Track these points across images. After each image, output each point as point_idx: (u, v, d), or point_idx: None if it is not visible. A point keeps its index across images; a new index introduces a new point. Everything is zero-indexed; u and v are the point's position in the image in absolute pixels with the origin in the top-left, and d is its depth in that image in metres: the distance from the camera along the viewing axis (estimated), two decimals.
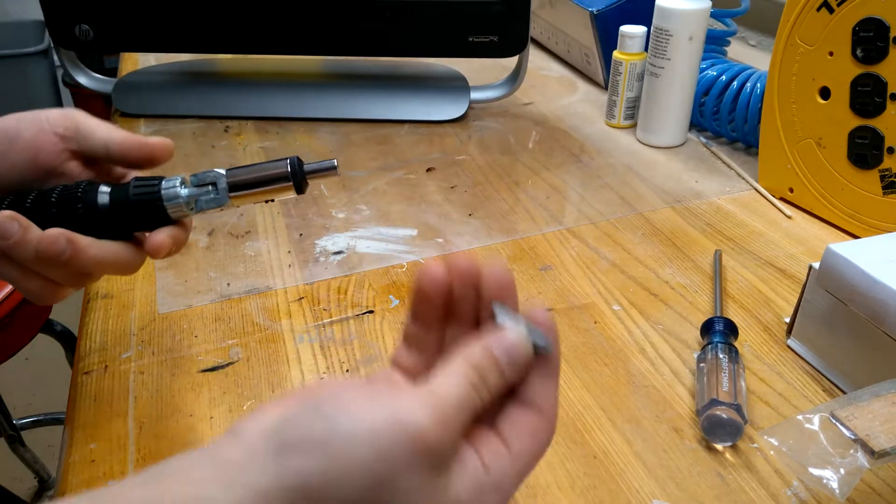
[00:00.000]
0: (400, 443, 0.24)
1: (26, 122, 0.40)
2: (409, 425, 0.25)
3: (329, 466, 0.24)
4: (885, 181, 0.59)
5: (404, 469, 0.25)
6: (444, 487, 0.26)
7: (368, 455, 0.24)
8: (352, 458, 0.24)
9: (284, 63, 0.93)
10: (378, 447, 0.24)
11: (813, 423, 0.35)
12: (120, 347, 0.51)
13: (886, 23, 0.56)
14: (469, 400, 0.27)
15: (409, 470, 0.25)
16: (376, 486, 0.24)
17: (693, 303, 0.56)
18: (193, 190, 0.39)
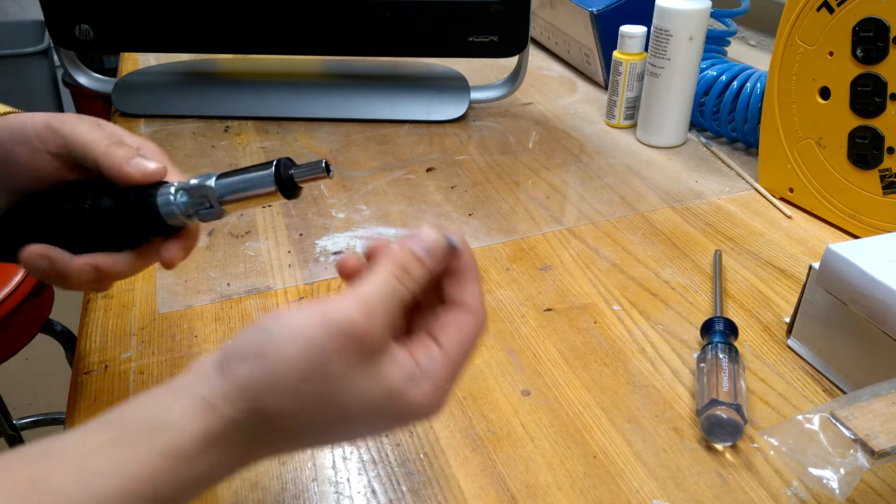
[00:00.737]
0: (327, 335, 0.27)
1: (17, 142, 0.39)
2: (336, 317, 0.27)
3: (265, 366, 0.27)
4: (885, 181, 0.59)
5: (333, 355, 0.27)
6: (376, 374, 0.28)
7: (299, 349, 0.27)
8: (284, 355, 0.27)
9: (284, 63, 0.93)
10: (307, 341, 0.27)
11: (813, 423, 0.35)
12: (120, 347, 0.51)
13: (886, 23, 0.56)
14: (393, 290, 0.29)
15: (339, 355, 0.27)
16: (309, 374, 0.27)
17: (693, 303, 0.56)
18: (189, 200, 0.38)
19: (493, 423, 0.45)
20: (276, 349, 0.27)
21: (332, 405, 0.28)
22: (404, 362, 0.29)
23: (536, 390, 0.47)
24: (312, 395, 0.27)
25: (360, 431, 0.30)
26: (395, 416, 0.29)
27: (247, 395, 0.27)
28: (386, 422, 0.29)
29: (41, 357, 1.62)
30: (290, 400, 0.27)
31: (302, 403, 0.27)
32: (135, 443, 0.26)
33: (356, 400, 0.28)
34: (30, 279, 0.96)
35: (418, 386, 0.29)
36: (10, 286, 0.93)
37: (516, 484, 0.41)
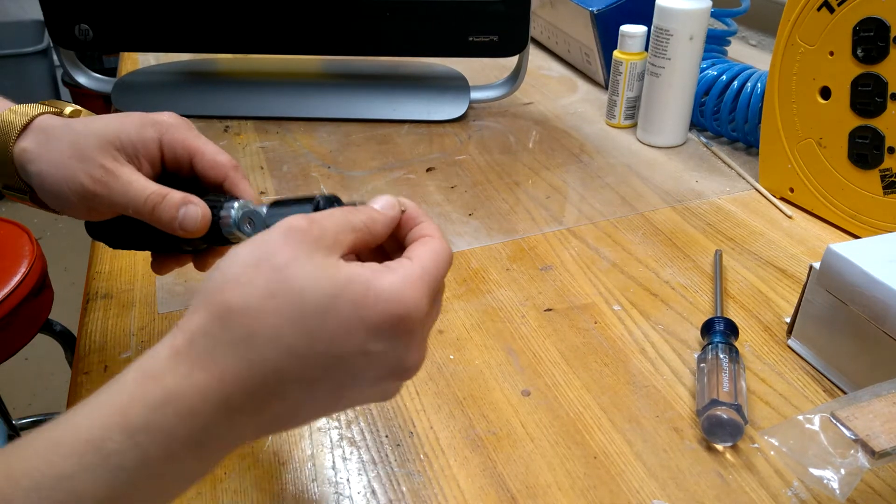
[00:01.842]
0: (272, 233, 0.28)
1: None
2: (282, 223, 0.29)
3: (217, 271, 0.28)
4: (886, 181, 0.59)
5: (278, 244, 0.28)
6: (332, 264, 0.28)
7: (247, 248, 0.28)
8: (233, 255, 0.28)
9: (284, 63, 0.93)
10: (253, 241, 0.28)
11: (813, 423, 0.35)
12: (119, 347, 0.51)
13: (887, 22, 0.56)
14: (342, 214, 0.30)
15: (284, 244, 0.28)
16: (257, 262, 0.27)
17: (693, 303, 0.56)
18: (245, 223, 0.39)
19: (493, 423, 0.45)
20: (227, 258, 0.28)
21: (287, 290, 0.27)
22: (370, 265, 0.29)
23: (536, 390, 0.47)
24: (264, 281, 0.27)
25: (337, 331, 0.27)
26: (366, 309, 0.27)
27: (204, 298, 0.27)
28: (358, 323, 0.27)
29: (41, 357, 1.62)
30: (242, 287, 0.27)
31: (254, 290, 0.27)
32: (114, 381, 0.27)
33: (311, 284, 0.27)
34: (29, 279, 0.96)
35: (382, 275, 0.28)
36: (10, 286, 0.93)
37: (516, 484, 0.41)
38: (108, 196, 0.39)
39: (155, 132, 0.41)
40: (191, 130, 0.42)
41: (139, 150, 0.40)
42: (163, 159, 0.41)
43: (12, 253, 0.98)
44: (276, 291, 0.27)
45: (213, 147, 0.42)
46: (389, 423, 0.45)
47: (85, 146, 0.39)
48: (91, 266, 0.59)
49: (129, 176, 0.39)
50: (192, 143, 0.41)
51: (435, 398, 0.47)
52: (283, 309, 0.27)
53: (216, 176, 0.41)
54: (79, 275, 1.90)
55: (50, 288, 1.04)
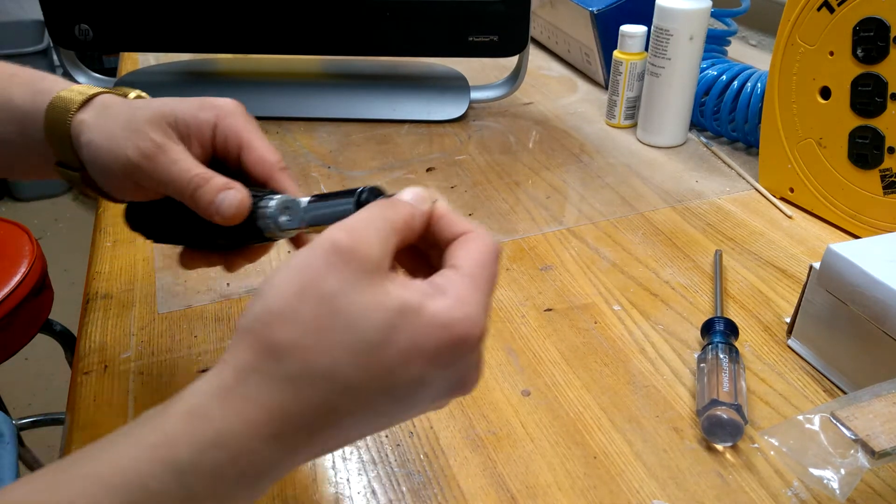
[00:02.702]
0: (314, 255, 0.26)
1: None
2: (320, 241, 0.27)
3: (260, 302, 0.26)
4: (886, 181, 0.59)
5: (323, 270, 0.26)
6: (381, 289, 0.26)
7: (288, 275, 0.26)
8: (275, 284, 0.26)
9: (284, 63, 0.93)
10: (294, 265, 0.27)
11: (813, 423, 0.35)
12: (119, 347, 0.51)
13: (887, 22, 0.56)
14: (380, 214, 0.28)
15: (329, 269, 0.26)
16: (302, 293, 0.26)
17: (693, 303, 0.56)
18: (285, 219, 0.38)
19: (493, 423, 0.45)
20: (268, 284, 0.27)
21: (339, 325, 0.25)
22: (414, 282, 0.27)
23: (536, 390, 0.47)
24: (312, 315, 0.25)
25: (395, 363, 0.26)
26: (422, 337, 0.26)
27: (249, 333, 0.26)
28: (416, 354, 0.26)
29: (41, 357, 1.62)
30: (291, 324, 0.25)
31: (304, 325, 0.25)
32: (151, 418, 0.26)
33: (363, 317, 0.25)
34: (29, 279, 0.96)
35: (434, 298, 0.27)
36: (10, 286, 0.93)
37: (516, 484, 0.41)
38: (152, 171, 0.37)
39: (212, 115, 0.40)
40: (249, 122, 0.41)
41: (192, 131, 0.39)
42: (214, 145, 0.40)
43: (12, 253, 0.98)
44: (326, 326, 0.25)
45: (264, 143, 0.41)
46: None
47: (138, 119, 0.38)
48: (91, 266, 0.59)
49: (177, 154, 0.38)
50: (245, 134, 0.40)
51: None
52: (335, 344, 0.25)
53: (261, 172, 0.40)
54: (79, 275, 1.90)
55: (50, 288, 1.04)
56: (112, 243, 0.62)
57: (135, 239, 0.62)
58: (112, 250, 0.61)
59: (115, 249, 0.61)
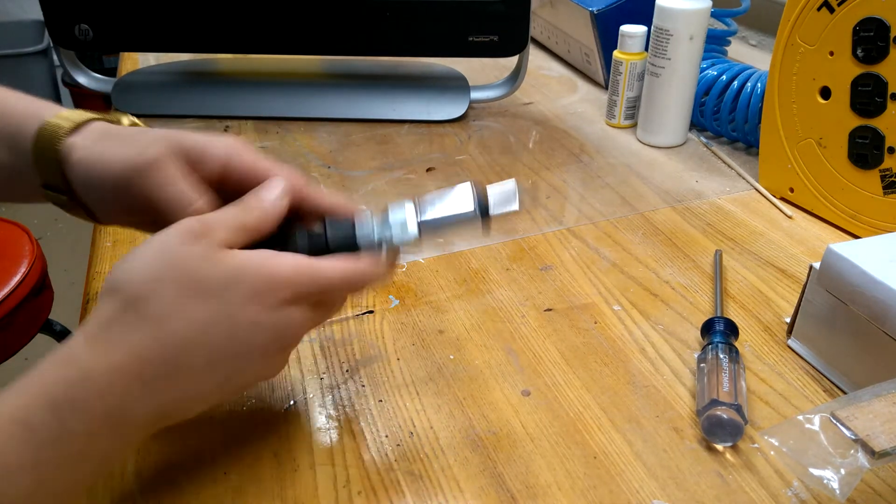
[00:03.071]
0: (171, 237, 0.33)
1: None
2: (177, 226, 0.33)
3: (131, 275, 0.32)
4: (886, 181, 0.59)
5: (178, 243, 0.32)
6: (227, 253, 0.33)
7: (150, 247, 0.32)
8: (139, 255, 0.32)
9: (284, 63, 0.93)
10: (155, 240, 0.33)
11: (813, 423, 0.35)
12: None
13: (887, 22, 0.56)
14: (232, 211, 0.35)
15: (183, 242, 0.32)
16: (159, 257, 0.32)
17: (693, 303, 0.56)
18: (387, 233, 0.39)
19: (493, 423, 0.45)
20: (130, 255, 0.32)
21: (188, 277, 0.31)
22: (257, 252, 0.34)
23: (536, 390, 0.47)
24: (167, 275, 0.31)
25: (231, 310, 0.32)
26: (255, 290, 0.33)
27: (113, 291, 0.31)
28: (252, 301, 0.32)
29: (41, 357, 1.62)
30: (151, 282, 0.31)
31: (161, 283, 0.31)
32: (34, 367, 0.29)
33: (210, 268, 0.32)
34: (29, 279, 0.96)
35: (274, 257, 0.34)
36: (10, 286, 0.93)
37: (516, 484, 0.41)
38: (145, 186, 0.35)
39: (223, 151, 0.38)
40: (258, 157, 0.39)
41: (196, 161, 0.37)
42: (220, 180, 0.38)
43: (12, 253, 0.98)
44: (180, 280, 0.31)
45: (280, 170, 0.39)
46: (389, 423, 0.45)
47: (140, 136, 0.37)
48: (91, 266, 0.59)
49: (175, 172, 0.36)
50: (261, 164, 0.38)
51: (435, 398, 0.47)
52: (188, 294, 0.31)
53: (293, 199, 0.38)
54: (79, 275, 1.89)
55: (50, 288, 1.04)
56: (112, 243, 0.62)
57: (135, 238, 0.62)
58: (112, 250, 0.61)
59: (115, 249, 0.61)
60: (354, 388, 0.47)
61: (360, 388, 0.47)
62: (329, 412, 0.46)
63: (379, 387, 0.47)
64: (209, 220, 0.33)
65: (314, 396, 0.47)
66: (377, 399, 0.46)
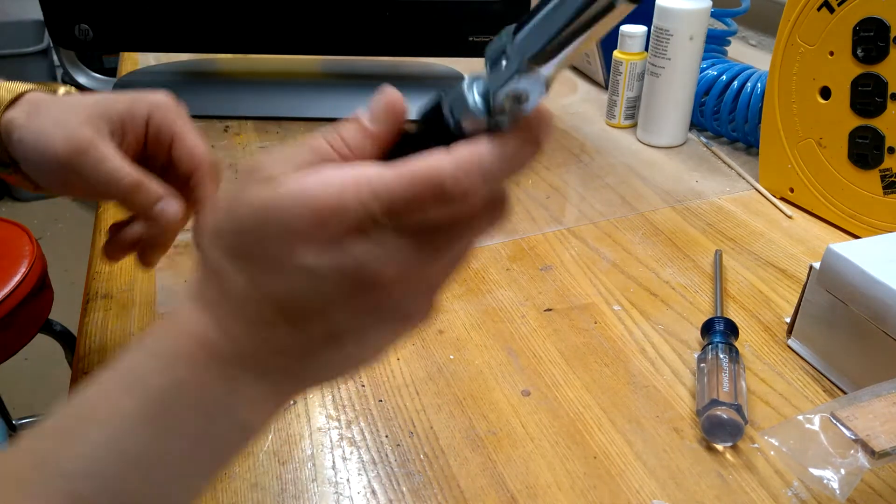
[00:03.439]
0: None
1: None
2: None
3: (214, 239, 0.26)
4: (886, 181, 0.59)
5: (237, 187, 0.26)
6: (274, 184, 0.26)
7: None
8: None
9: (284, 63, 0.93)
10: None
11: (813, 423, 0.35)
12: (119, 347, 0.51)
13: (887, 22, 0.56)
14: (300, 146, 0.28)
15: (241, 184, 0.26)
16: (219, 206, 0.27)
17: (693, 303, 0.56)
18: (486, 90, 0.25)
19: (493, 423, 0.45)
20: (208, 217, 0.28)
21: (230, 219, 0.26)
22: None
23: (536, 390, 0.47)
24: (219, 224, 0.26)
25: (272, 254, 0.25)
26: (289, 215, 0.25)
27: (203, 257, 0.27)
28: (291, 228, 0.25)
29: (41, 357, 1.62)
30: (211, 237, 0.26)
31: (216, 234, 0.26)
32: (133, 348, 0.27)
33: (248, 210, 0.26)
34: (29, 279, 0.96)
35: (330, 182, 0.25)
36: (10, 286, 0.93)
37: (516, 484, 0.41)
38: (80, 167, 0.38)
39: (145, 109, 0.40)
40: (181, 115, 0.42)
41: (126, 124, 0.40)
42: (147, 138, 0.41)
43: (12, 253, 0.98)
44: (224, 221, 0.26)
45: (195, 138, 0.41)
46: (389, 423, 0.45)
47: (71, 115, 0.39)
48: (91, 266, 0.59)
49: (107, 151, 0.38)
50: (178, 127, 0.41)
51: (435, 398, 0.47)
52: (233, 257, 0.26)
53: (188, 166, 0.41)
54: (79, 275, 1.89)
55: (50, 288, 1.04)
56: None
57: None
58: None
59: None
60: (354, 388, 0.47)
61: (360, 388, 0.47)
62: (329, 412, 0.46)
63: (379, 387, 0.47)
64: (269, 161, 0.27)
65: (314, 396, 0.47)
66: (377, 399, 0.46)
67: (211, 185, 0.41)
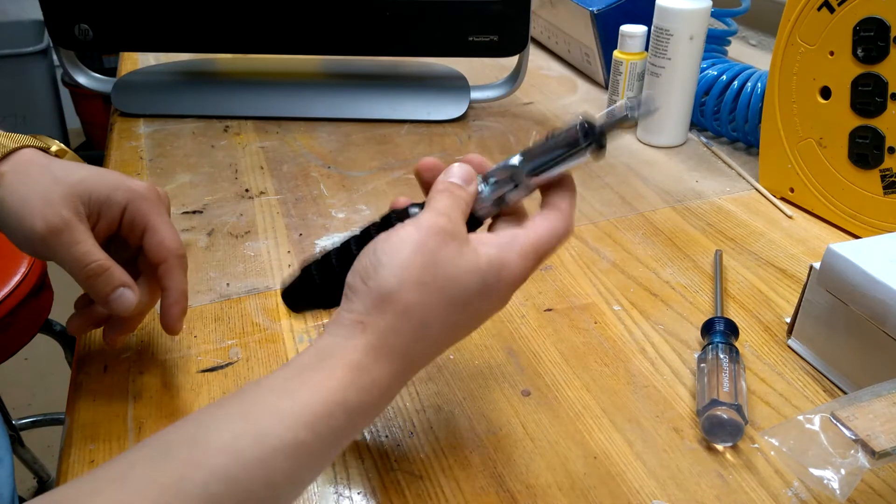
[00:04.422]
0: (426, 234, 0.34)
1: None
2: (425, 223, 0.34)
3: (388, 273, 0.33)
4: (886, 181, 0.59)
5: (437, 247, 0.33)
6: (474, 253, 0.34)
7: (409, 251, 0.33)
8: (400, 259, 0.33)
9: (284, 63, 0.93)
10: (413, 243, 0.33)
11: (813, 423, 0.35)
12: (119, 347, 0.51)
13: (887, 22, 0.56)
14: (454, 198, 0.36)
15: (440, 245, 0.33)
16: (425, 266, 0.33)
17: (693, 303, 0.56)
18: (494, 187, 0.39)
19: (493, 423, 0.45)
20: (391, 258, 0.33)
21: (452, 287, 0.33)
22: (489, 240, 0.36)
23: (536, 390, 0.47)
24: (433, 283, 0.33)
25: (479, 311, 0.36)
26: (496, 288, 0.35)
27: (384, 299, 0.32)
28: (492, 297, 0.35)
29: (41, 357, 1.62)
30: (419, 291, 0.33)
31: (429, 292, 0.33)
32: (316, 369, 0.32)
33: (468, 278, 0.34)
34: (29, 279, 0.96)
35: (509, 252, 0.35)
36: (10, 286, 0.93)
37: (516, 484, 0.41)
38: (55, 246, 0.41)
39: (124, 198, 0.44)
40: (158, 206, 0.45)
41: (103, 210, 0.43)
42: (121, 223, 0.44)
43: (12, 253, 0.98)
44: (444, 288, 0.33)
45: (170, 231, 0.45)
46: (389, 423, 0.45)
47: (54, 192, 0.41)
48: None
49: (81, 235, 0.42)
50: (153, 219, 0.44)
51: (435, 398, 0.47)
52: (450, 304, 0.34)
53: (158, 257, 0.44)
54: None
55: (50, 288, 1.04)
56: None
57: None
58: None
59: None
60: None
61: None
62: None
63: None
64: (453, 217, 0.35)
65: None
66: None
67: (178, 275, 0.45)
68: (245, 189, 0.71)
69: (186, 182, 0.72)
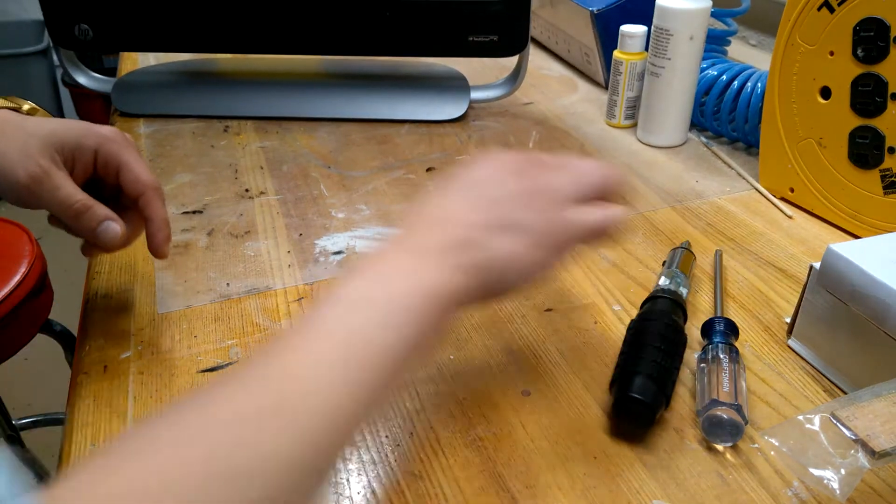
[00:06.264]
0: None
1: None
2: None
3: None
4: (886, 181, 0.59)
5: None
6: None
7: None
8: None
9: (284, 63, 0.93)
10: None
11: (814, 423, 0.35)
12: (119, 347, 0.51)
13: (887, 22, 0.56)
14: None
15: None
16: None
17: (693, 303, 0.56)
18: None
19: (493, 423, 0.45)
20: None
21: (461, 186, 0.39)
22: None
23: (536, 390, 0.47)
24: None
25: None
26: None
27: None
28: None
29: (41, 357, 1.62)
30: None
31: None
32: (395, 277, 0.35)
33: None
34: (29, 279, 0.96)
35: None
36: (10, 286, 0.93)
37: (516, 484, 0.41)
38: (39, 193, 0.45)
39: (94, 142, 0.47)
40: (126, 147, 0.49)
41: (77, 156, 0.47)
42: (95, 166, 0.48)
43: (12, 253, 0.98)
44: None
45: (141, 166, 0.49)
46: (389, 423, 0.45)
47: (30, 144, 0.45)
48: (91, 266, 0.59)
49: (61, 180, 0.45)
50: (124, 157, 0.48)
51: (435, 398, 0.47)
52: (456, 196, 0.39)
53: (135, 191, 0.48)
54: (79, 275, 1.89)
55: (50, 288, 1.04)
56: None
57: None
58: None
59: None
60: None
61: None
62: None
63: None
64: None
65: None
66: None
67: (157, 205, 0.49)
68: (245, 189, 0.71)
69: (186, 182, 0.72)
